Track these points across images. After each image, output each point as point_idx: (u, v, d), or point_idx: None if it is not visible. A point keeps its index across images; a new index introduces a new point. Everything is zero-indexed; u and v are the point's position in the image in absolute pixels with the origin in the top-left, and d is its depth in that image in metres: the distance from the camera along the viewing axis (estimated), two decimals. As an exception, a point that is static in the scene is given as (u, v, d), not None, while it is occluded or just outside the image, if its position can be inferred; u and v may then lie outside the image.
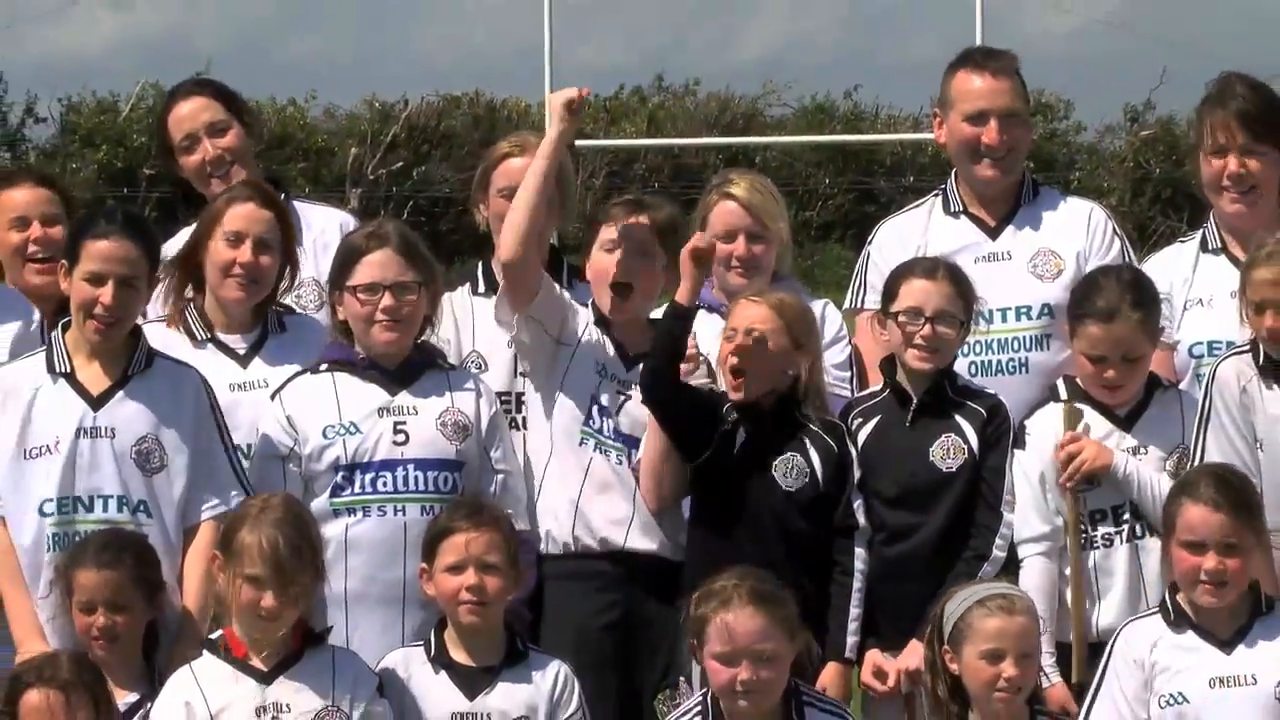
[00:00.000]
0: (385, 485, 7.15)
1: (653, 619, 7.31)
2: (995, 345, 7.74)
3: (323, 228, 8.16)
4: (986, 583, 7.00)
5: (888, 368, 7.46)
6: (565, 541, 7.39)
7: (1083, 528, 7.24)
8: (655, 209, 7.58)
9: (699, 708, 6.80)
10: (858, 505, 7.28)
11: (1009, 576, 7.17)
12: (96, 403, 7.04)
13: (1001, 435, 7.33)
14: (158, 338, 7.32)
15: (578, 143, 31.83)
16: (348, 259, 7.30)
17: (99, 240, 7.01)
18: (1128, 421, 7.31)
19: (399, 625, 7.07)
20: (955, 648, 6.77)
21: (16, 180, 8.17)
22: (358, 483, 7.14)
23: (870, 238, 8.14)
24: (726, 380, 7.26)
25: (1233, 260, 7.63)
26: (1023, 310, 7.76)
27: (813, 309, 7.62)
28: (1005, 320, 7.77)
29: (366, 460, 7.14)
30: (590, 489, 7.41)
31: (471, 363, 7.66)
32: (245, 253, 7.46)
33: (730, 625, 6.61)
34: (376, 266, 7.22)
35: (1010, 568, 7.25)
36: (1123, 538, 7.23)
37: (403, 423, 7.19)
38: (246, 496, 7.01)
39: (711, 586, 6.73)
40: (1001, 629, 6.72)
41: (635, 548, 7.38)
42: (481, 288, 7.86)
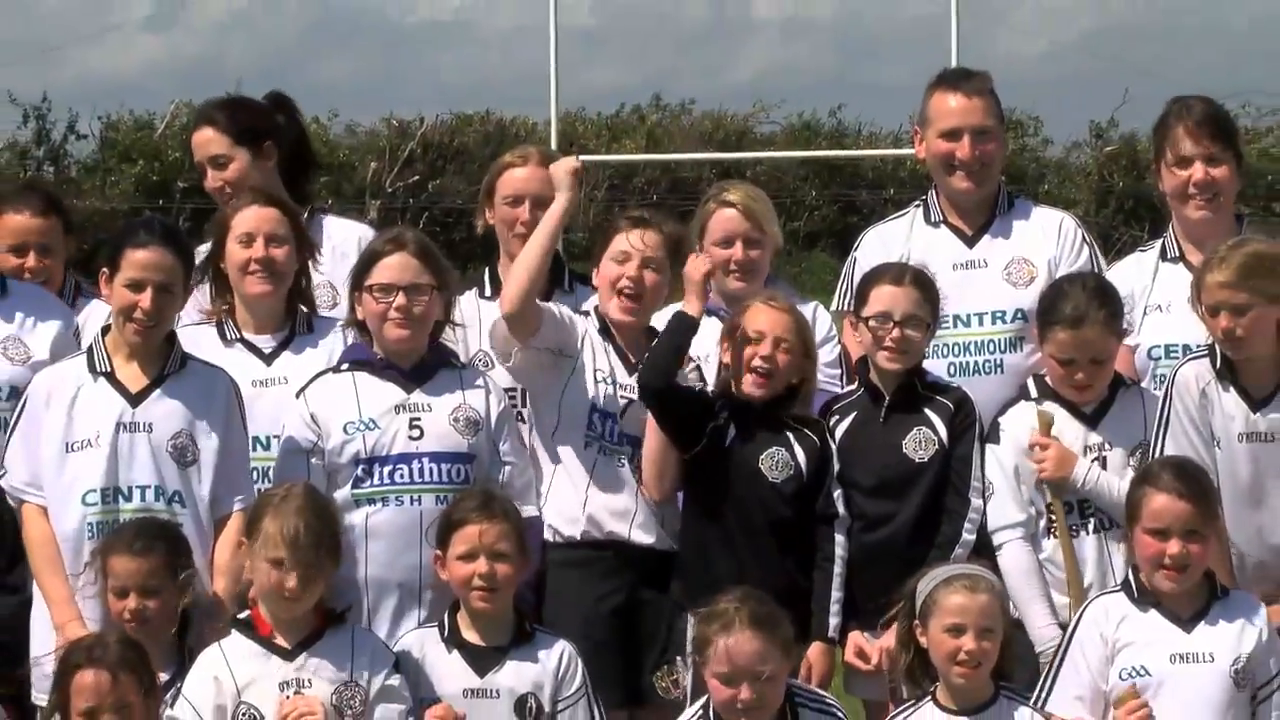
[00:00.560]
0: (402, 477, 7.13)
1: (650, 603, 7.31)
2: (972, 347, 7.74)
3: (344, 238, 8.12)
4: (956, 564, 7.01)
5: (862, 368, 7.47)
6: (572, 536, 7.38)
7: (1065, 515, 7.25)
8: (664, 225, 7.56)
9: (700, 715, 6.78)
10: (837, 495, 7.28)
11: (987, 561, 7.16)
12: (135, 400, 7.04)
13: (968, 427, 7.32)
14: (189, 339, 7.31)
15: (582, 157, 31.95)
16: (367, 261, 7.30)
17: (138, 250, 7.00)
18: (1093, 419, 7.30)
19: (416, 607, 7.06)
20: (924, 622, 6.79)
21: (19, 203, 8.13)
22: (377, 475, 7.12)
23: (856, 244, 8.13)
24: (749, 379, 7.25)
25: (1189, 268, 7.60)
26: (998, 315, 7.75)
27: (803, 309, 7.63)
28: (981, 324, 7.76)
29: (385, 454, 7.12)
30: (595, 490, 7.39)
31: (479, 361, 7.65)
32: (259, 249, 7.44)
33: (731, 649, 6.59)
34: (393, 268, 7.21)
35: (986, 553, 7.23)
36: (1089, 528, 7.23)
37: (418, 419, 7.17)
38: (261, 489, 7.02)
39: (714, 608, 6.71)
40: (964, 605, 6.73)
41: (637, 540, 7.36)
42: (488, 292, 7.86)
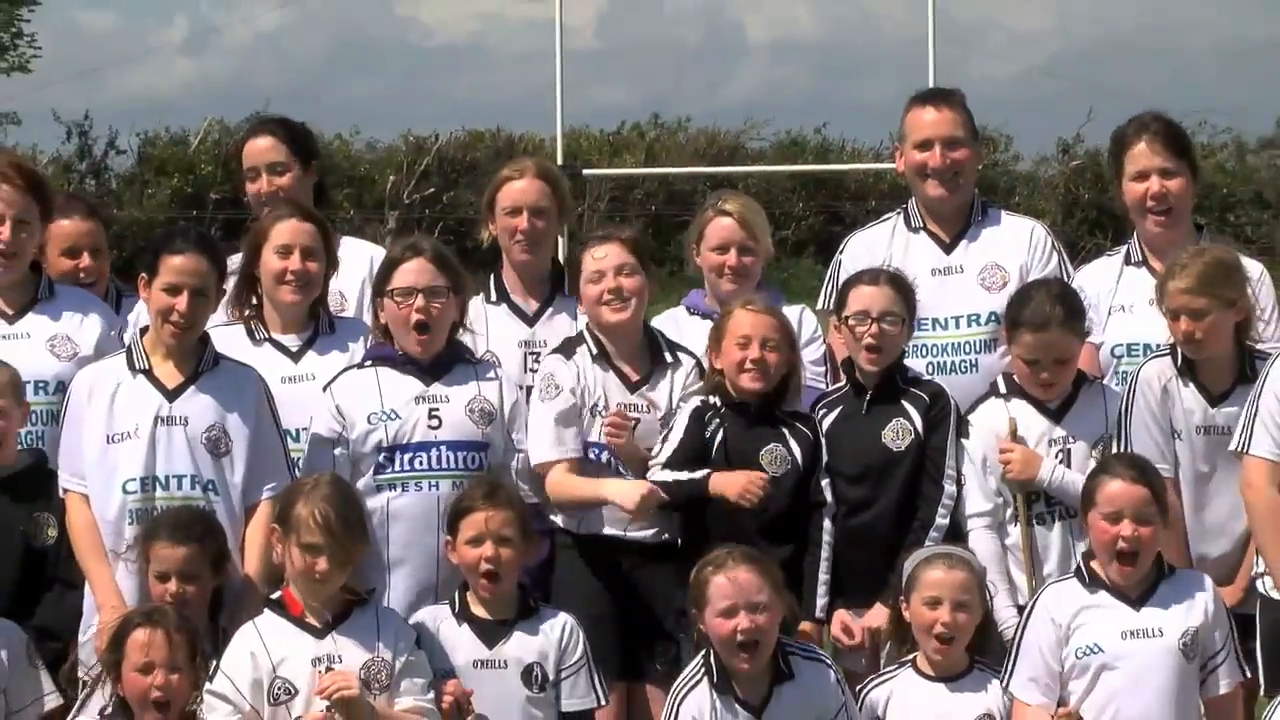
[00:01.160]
0: (421, 464, 7.13)
1: (651, 585, 7.27)
2: (949, 348, 7.74)
3: (353, 256, 8.03)
4: (941, 545, 7.04)
5: (847, 365, 7.47)
6: (577, 528, 7.34)
7: (1028, 513, 7.25)
8: (621, 234, 7.49)
9: (702, 667, 6.76)
10: (825, 484, 7.26)
11: (959, 544, 7.15)
12: (171, 395, 7.03)
13: (943, 418, 7.30)
14: (220, 338, 7.30)
15: (585, 171, 31.93)
16: (387, 268, 7.29)
17: (175, 256, 7.00)
18: (1058, 414, 7.30)
19: (434, 584, 7.06)
20: (906, 596, 6.84)
21: (67, 211, 8.11)
22: (398, 462, 7.13)
23: (841, 247, 8.12)
24: (745, 377, 7.21)
25: (1152, 272, 7.63)
26: (972, 318, 7.75)
27: (789, 312, 7.62)
28: (958, 326, 7.76)
29: (405, 442, 7.12)
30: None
31: (487, 359, 7.58)
32: (295, 261, 7.44)
33: (728, 581, 6.63)
34: (411, 274, 7.21)
35: (957, 538, 7.22)
36: (1055, 516, 7.22)
37: (436, 409, 7.17)
38: (293, 478, 7.01)
39: (708, 557, 6.75)
40: (940, 580, 6.79)
41: (633, 537, 7.31)
42: (493, 297, 7.85)
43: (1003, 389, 7.37)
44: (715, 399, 7.28)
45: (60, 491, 7.08)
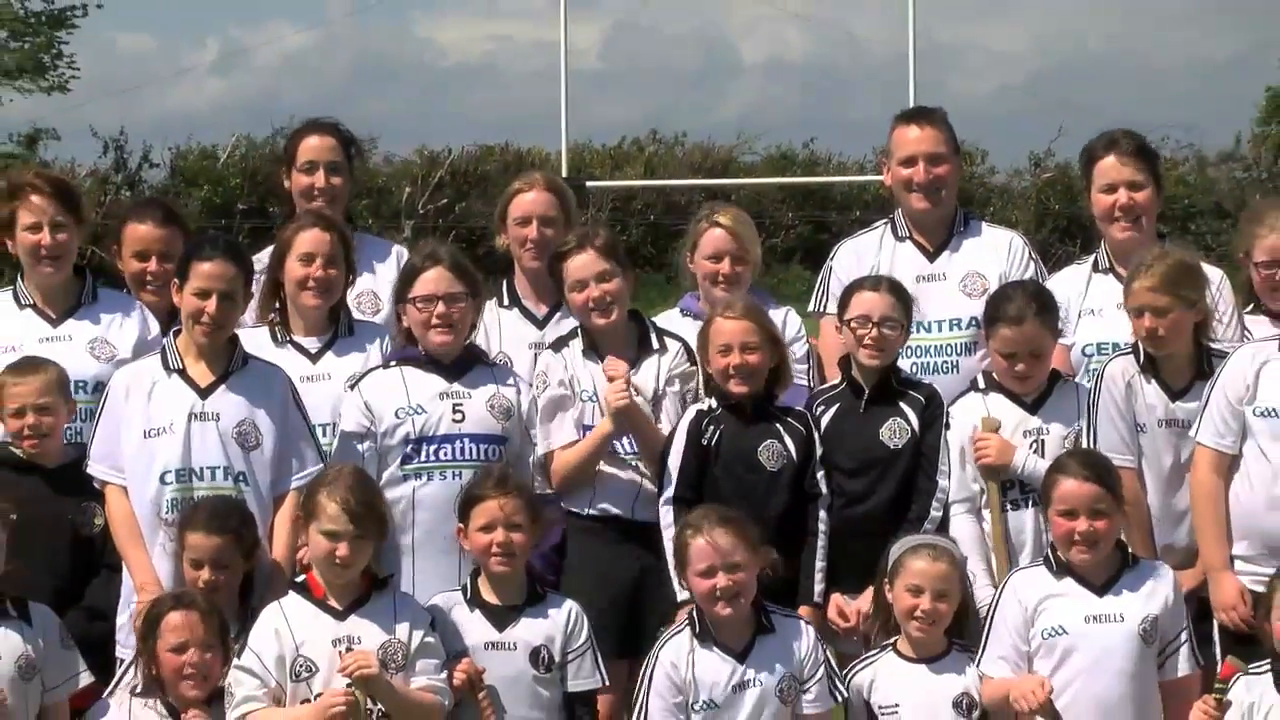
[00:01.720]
0: (445, 455, 7.15)
1: (655, 569, 7.23)
2: (932, 350, 7.73)
3: (389, 260, 8.09)
4: (926, 535, 7.04)
5: (845, 365, 7.47)
6: (589, 511, 7.37)
7: (1001, 500, 7.24)
8: (595, 240, 7.46)
9: (687, 620, 6.82)
10: (820, 476, 7.25)
11: (942, 531, 7.17)
12: (204, 393, 7.04)
13: (936, 418, 7.30)
14: (246, 340, 7.30)
15: (588, 183, 31.92)
16: (409, 276, 7.30)
17: (205, 262, 7.01)
18: (1033, 406, 7.30)
19: (455, 567, 7.05)
20: (891, 582, 6.84)
21: (143, 215, 8.06)
22: (423, 453, 7.14)
23: (832, 254, 8.13)
24: (732, 383, 7.21)
25: (1119, 278, 7.60)
26: (954, 322, 7.76)
27: (775, 314, 7.63)
28: (941, 330, 7.76)
29: (431, 434, 7.14)
30: (600, 478, 7.36)
31: (499, 362, 7.59)
32: (317, 269, 7.45)
33: (705, 544, 6.68)
34: (431, 281, 7.22)
35: (940, 524, 7.23)
36: (1029, 502, 7.21)
37: (460, 404, 7.18)
38: (323, 464, 7.01)
39: (688, 519, 6.81)
40: (924, 570, 6.79)
41: (639, 518, 7.34)
42: (505, 301, 7.85)
43: (981, 384, 7.38)
44: (712, 402, 7.29)
45: (98, 484, 7.08)
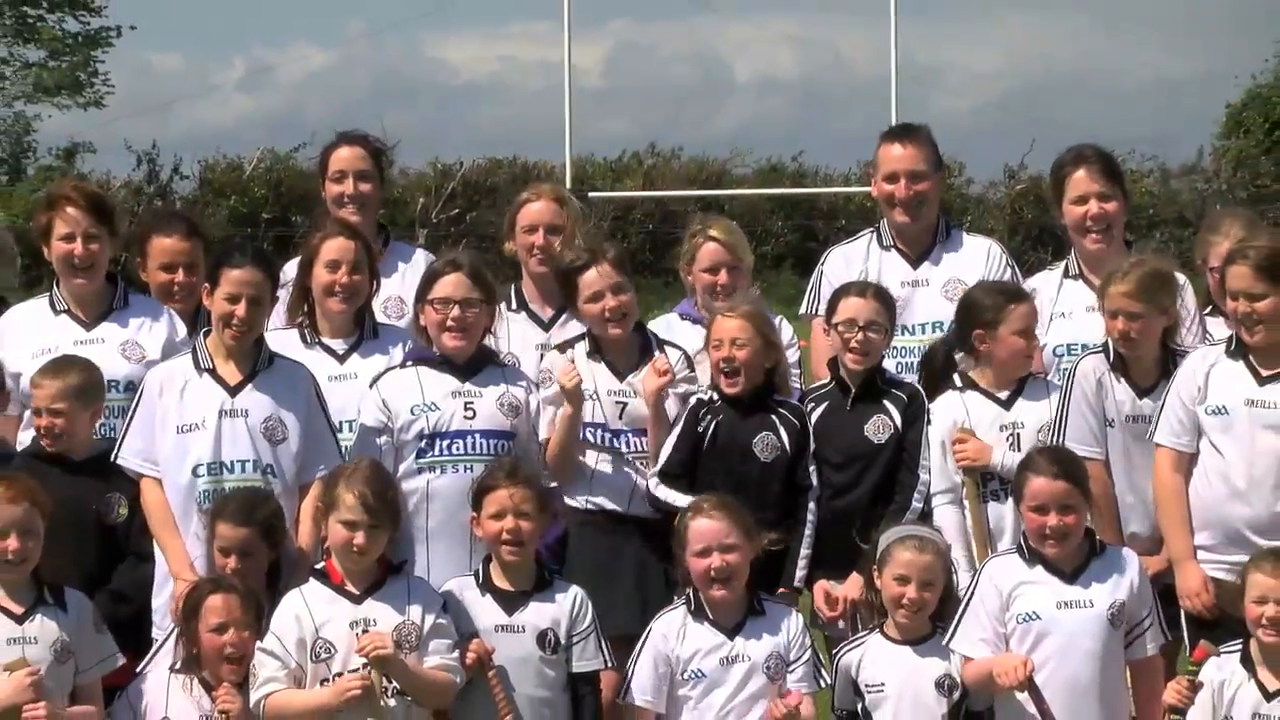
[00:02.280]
0: (457, 449, 7.13)
1: (653, 554, 7.25)
2: (915, 351, 7.73)
3: (416, 266, 8.06)
4: (914, 526, 7.03)
5: (833, 366, 7.47)
6: (587, 506, 7.37)
7: (980, 490, 7.24)
8: (608, 253, 7.47)
9: (684, 599, 6.85)
10: (811, 470, 7.26)
11: (927, 521, 7.16)
12: (233, 391, 7.04)
13: (918, 416, 7.30)
14: (278, 341, 7.32)
15: (591, 194, 31.87)
16: (429, 279, 7.31)
17: (234, 269, 7.00)
18: (1008, 403, 7.31)
19: (467, 554, 7.04)
20: (880, 569, 6.83)
21: (169, 228, 8.02)
22: (436, 447, 7.13)
23: (822, 259, 8.15)
24: (721, 379, 7.23)
25: (1088, 284, 7.64)
26: (936, 325, 7.74)
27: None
28: (924, 332, 7.76)
29: (444, 430, 7.12)
30: (598, 477, 7.36)
31: (508, 362, 7.57)
32: (342, 275, 7.44)
33: (702, 527, 6.73)
34: (449, 285, 7.22)
35: (924, 513, 7.22)
36: (1008, 493, 7.18)
37: (471, 402, 7.17)
38: (342, 461, 7.00)
39: (689, 504, 6.85)
40: (910, 561, 6.77)
41: (635, 514, 7.34)
42: (513, 305, 7.83)
43: (959, 383, 7.37)
44: (713, 394, 7.29)
45: (134, 476, 7.06)
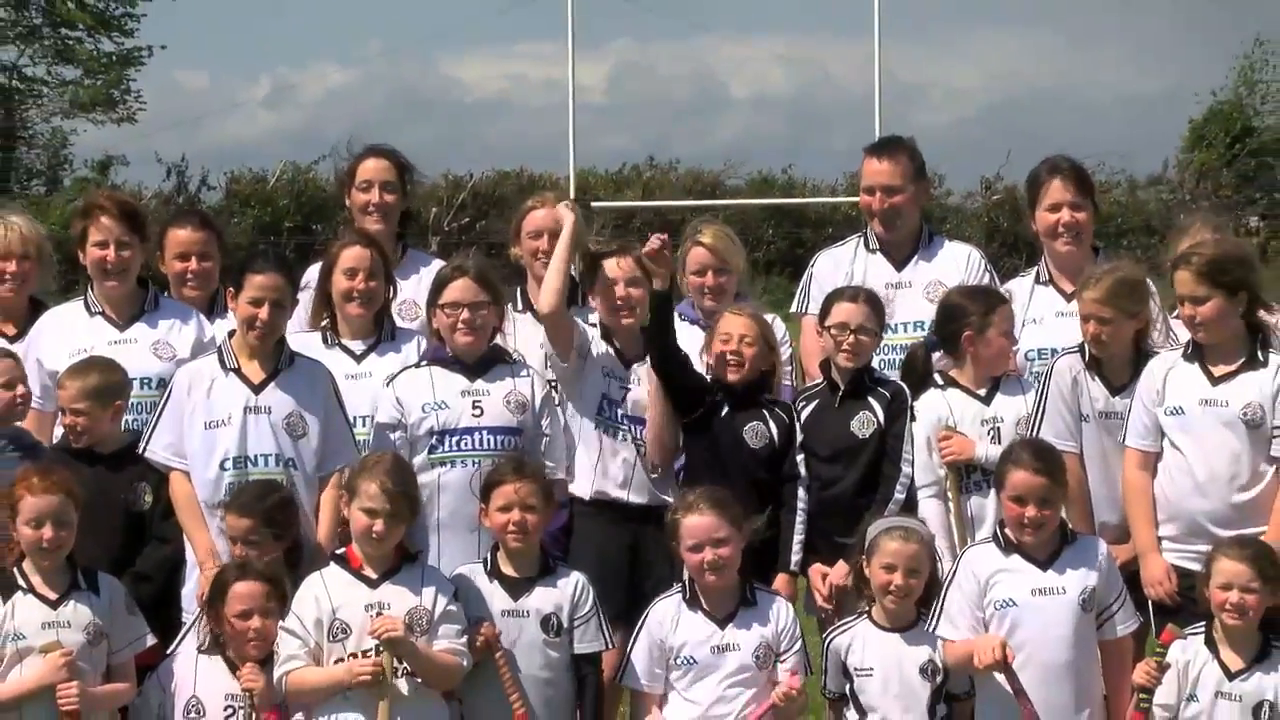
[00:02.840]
0: (466, 445, 7.12)
1: (650, 541, 7.26)
2: (899, 349, 7.72)
3: (429, 271, 8.00)
4: (900, 516, 7.02)
5: (825, 367, 7.47)
6: (589, 495, 7.40)
7: (962, 483, 7.23)
8: (630, 250, 7.52)
9: (679, 588, 6.84)
10: (800, 460, 7.27)
11: (912, 513, 7.15)
12: (257, 389, 7.03)
13: (901, 412, 7.30)
14: (301, 342, 7.32)
15: (593, 204, 31.88)
16: (439, 285, 7.30)
17: (258, 274, 7.00)
18: (987, 399, 7.31)
19: (475, 544, 7.03)
20: (868, 558, 6.81)
21: (182, 221, 8.04)
22: (447, 443, 7.12)
23: (812, 261, 8.16)
24: (725, 368, 7.28)
25: (1059, 290, 7.67)
26: (918, 325, 7.74)
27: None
28: (907, 331, 7.76)
29: (453, 427, 7.11)
30: (602, 463, 7.39)
31: (517, 359, 7.56)
32: (359, 282, 7.45)
33: (693, 524, 6.71)
34: (458, 289, 7.22)
35: (910, 504, 7.22)
36: (989, 485, 7.17)
37: (479, 400, 7.16)
38: (359, 455, 6.98)
39: (680, 500, 6.85)
40: (897, 550, 6.75)
41: (633, 501, 7.36)
42: (519, 306, 7.83)
43: (940, 381, 7.37)
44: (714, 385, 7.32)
45: (163, 469, 7.05)
